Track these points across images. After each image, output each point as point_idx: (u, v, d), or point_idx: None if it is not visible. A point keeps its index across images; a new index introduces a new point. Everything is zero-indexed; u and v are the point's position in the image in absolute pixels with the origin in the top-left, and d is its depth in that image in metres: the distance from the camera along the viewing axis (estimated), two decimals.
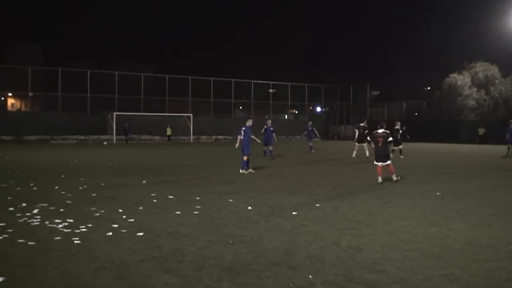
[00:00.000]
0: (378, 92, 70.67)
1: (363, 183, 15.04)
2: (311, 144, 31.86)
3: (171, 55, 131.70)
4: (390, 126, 17.42)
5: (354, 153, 26.38)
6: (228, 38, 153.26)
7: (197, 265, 6.15)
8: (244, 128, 18.00)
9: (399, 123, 27.29)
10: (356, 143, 26.56)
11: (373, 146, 15.51)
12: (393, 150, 27.02)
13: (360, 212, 9.93)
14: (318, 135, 36.60)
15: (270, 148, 24.81)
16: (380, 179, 14.83)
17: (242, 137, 17.94)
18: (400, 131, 26.29)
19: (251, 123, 18.39)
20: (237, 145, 18.44)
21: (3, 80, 51.72)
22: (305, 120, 35.47)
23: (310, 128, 32.64)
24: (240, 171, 17.66)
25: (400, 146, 26.59)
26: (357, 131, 27.02)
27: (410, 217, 9.49)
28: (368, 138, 15.81)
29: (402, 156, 25.78)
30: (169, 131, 50.87)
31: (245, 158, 17.86)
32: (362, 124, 27.02)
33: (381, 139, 14.86)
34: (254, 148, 19.08)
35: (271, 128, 25.17)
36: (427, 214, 9.81)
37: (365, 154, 25.38)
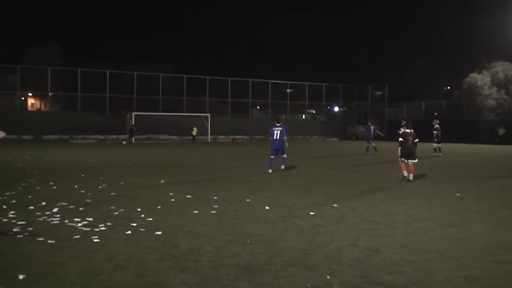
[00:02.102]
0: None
1: (381, 183, 14.96)
2: (369, 145, 29.95)
3: (189, 55, 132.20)
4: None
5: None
6: (246, 38, 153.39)
7: (215, 264, 6.17)
8: (281, 128, 18.13)
9: (437, 121, 27.32)
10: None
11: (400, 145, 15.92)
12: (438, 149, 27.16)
13: (378, 213, 9.88)
14: (381, 134, 34.66)
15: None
16: (405, 173, 15.59)
17: (278, 137, 18.06)
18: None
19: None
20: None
21: (23, 80, 52.33)
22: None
23: (370, 127, 30.69)
24: (282, 167, 18.16)
25: (440, 145, 26.82)
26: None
27: (429, 218, 9.42)
28: (400, 137, 16.02)
29: (440, 154, 26.50)
30: (194, 131, 51.12)
31: (285, 155, 18.25)
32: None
33: (411, 138, 15.72)
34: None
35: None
36: (446, 215, 9.73)
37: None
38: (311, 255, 6.65)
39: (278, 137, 17.96)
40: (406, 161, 15.66)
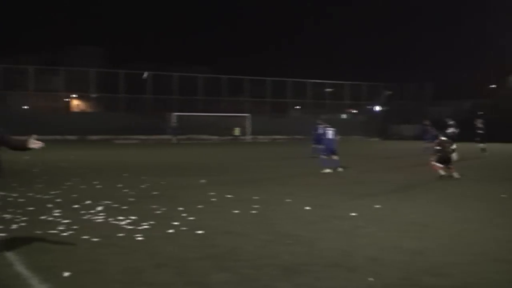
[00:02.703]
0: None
1: (424, 184, 14.70)
2: (427, 145, 27.50)
3: (228, 56, 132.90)
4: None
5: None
6: (285, 37, 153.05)
7: (254, 264, 6.17)
8: (334, 128, 18.35)
9: (481, 121, 26.22)
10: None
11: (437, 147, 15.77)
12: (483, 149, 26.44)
13: (421, 214, 9.70)
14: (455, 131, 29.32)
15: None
16: (442, 172, 15.48)
17: (332, 137, 18.25)
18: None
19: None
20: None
21: (67, 82, 53.57)
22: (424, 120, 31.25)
23: (428, 127, 28.86)
24: (338, 169, 18.11)
25: (484, 144, 26.00)
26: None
27: (474, 219, 9.20)
28: (437, 146, 15.85)
29: (486, 154, 25.62)
30: (237, 132, 51.42)
31: (335, 157, 18.27)
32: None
33: (447, 145, 15.67)
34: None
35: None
36: (492, 216, 9.47)
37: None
38: (352, 256, 6.58)
39: (332, 137, 18.26)
40: (441, 165, 15.55)
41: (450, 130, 24.03)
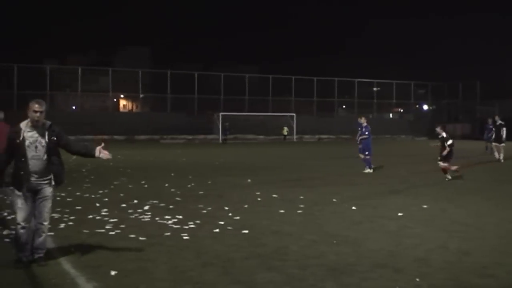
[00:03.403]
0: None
1: (472, 184, 14.36)
2: (488, 144, 26.81)
3: (275, 55, 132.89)
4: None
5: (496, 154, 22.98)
6: (332, 37, 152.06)
7: (301, 264, 6.17)
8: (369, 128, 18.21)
9: (497, 117, 24.19)
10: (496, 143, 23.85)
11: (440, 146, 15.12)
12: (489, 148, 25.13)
13: (469, 214, 9.50)
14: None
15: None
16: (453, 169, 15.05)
17: (367, 137, 18.07)
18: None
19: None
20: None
21: (115, 82, 54.65)
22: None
23: (489, 126, 26.64)
24: (366, 170, 17.77)
25: (503, 144, 23.60)
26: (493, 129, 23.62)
27: None
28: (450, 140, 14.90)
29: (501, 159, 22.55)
30: (285, 131, 51.51)
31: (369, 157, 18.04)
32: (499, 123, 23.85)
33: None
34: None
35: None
36: None
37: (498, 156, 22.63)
38: (399, 256, 6.50)
39: (368, 137, 18.13)
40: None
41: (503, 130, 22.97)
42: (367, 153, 17.88)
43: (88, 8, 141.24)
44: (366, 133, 17.99)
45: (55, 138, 6.17)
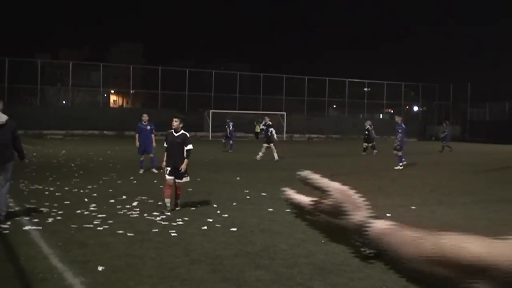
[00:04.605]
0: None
1: (462, 186, 14.43)
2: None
3: (267, 54, 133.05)
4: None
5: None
6: (322, 36, 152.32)
7: (289, 262, 6.16)
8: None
9: (369, 122, 26.08)
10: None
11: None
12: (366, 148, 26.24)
13: (458, 216, 9.54)
14: None
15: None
16: None
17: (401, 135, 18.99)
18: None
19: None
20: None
21: (106, 77, 54.44)
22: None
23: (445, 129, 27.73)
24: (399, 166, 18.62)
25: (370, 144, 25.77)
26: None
27: (511, 222, 9.00)
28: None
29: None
30: (258, 128, 51.30)
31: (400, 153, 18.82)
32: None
33: None
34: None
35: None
36: None
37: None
38: None
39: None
40: None
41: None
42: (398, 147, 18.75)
43: (82, 3, 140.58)
44: (399, 130, 18.66)
45: None
